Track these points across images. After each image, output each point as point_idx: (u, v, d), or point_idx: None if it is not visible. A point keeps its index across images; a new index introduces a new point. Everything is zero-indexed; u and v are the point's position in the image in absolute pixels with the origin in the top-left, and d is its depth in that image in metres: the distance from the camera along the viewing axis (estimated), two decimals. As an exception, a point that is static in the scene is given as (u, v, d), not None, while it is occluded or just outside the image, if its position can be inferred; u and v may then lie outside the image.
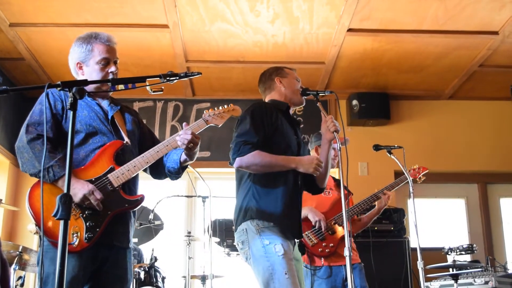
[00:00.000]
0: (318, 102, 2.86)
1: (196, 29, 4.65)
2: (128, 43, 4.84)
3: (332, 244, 3.53)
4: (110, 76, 2.45)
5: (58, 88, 1.77)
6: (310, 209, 3.56)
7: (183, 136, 2.41)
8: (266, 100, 3.00)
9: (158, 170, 2.63)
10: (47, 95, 2.36)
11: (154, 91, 2.24)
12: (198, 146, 2.49)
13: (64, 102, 2.38)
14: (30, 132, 2.29)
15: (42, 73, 5.32)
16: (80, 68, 2.50)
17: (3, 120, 5.29)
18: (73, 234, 2.21)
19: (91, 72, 2.46)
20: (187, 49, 5.00)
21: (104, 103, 2.52)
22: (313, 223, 3.54)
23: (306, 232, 3.55)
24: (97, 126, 2.41)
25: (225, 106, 2.68)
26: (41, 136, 2.26)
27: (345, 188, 3.79)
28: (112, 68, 2.47)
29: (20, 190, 5.55)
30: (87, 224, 2.25)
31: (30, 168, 2.25)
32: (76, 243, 2.21)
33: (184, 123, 2.50)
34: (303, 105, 3.01)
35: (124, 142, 2.44)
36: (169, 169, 2.58)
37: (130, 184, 2.45)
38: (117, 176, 2.34)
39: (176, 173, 2.58)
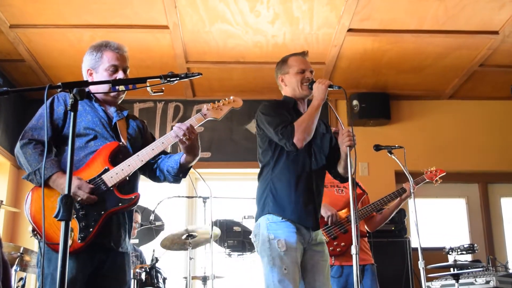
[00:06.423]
0: (328, 100, 2.86)
1: (196, 29, 4.65)
2: (128, 44, 4.74)
3: (343, 244, 3.45)
4: None
5: (59, 90, 1.79)
6: (323, 205, 3.44)
7: (177, 126, 2.38)
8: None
9: (156, 171, 2.59)
10: (52, 99, 2.42)
11: (154, 92, 2.25)
12: (199, 144, 2.47)
13: (67, 106, 2.38)
14: (24, 137, 2.37)
15: (42, 74, 5.32)
16: (91, 74, 2.55)
17: (4, 121, 5.29)
18: None
19: (99, 79, 2.50)
20: (187, 50, 5.00)
21: (111, 110, 2.55)
22: (325, 219, 3.47)
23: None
24: (99, 130, 2.43)
25: (225, 99, 2.61)
26: (32, 140, 2.35)
27: (360, 187, 3.80)
28: (120, 75, 2.50)
29: (20, 191, 5.55)
30: (81, 224, 2.26)
31: (26, 172, 2.33)
32: (70, 242, 2.18)
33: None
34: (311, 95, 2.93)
35: (120, 143, 2.42)
36: (167, 169, 2.54)
37: (127, 186, 2.41)
38: (111, 176, 2.33)
39: (175, 174, 2.53)
